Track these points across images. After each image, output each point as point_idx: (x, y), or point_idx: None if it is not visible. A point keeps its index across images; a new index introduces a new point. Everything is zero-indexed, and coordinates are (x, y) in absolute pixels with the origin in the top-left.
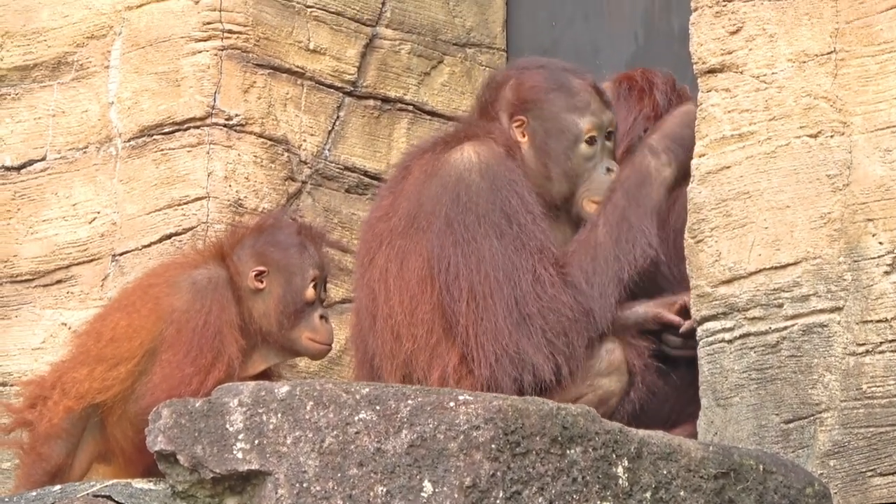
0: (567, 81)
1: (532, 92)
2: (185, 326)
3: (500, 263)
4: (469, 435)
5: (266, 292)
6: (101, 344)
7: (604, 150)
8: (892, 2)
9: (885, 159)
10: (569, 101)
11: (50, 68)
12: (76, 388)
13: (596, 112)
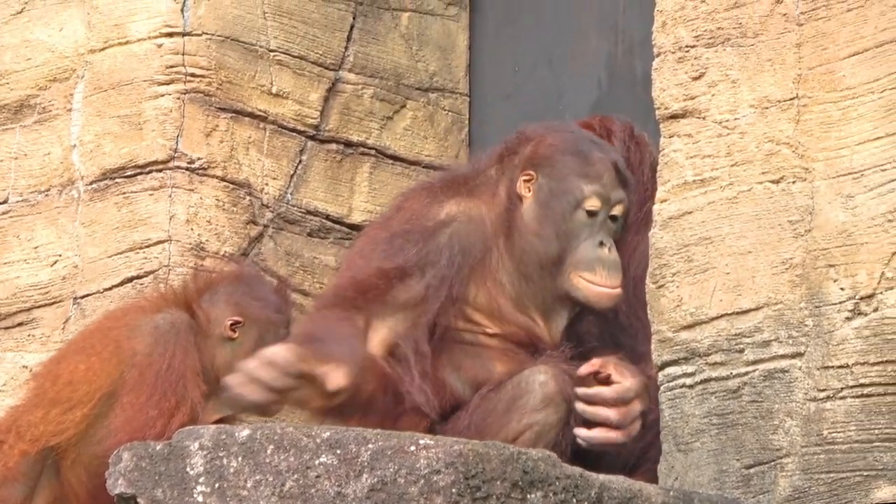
0: (587, 150)
1: (549, 150)
2: (147, 370)
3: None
4: (430, 479)
5: (237, 343)
6: (58, 386)
7: (604, 226)
8: (855, 48)
9: (846, 205)
10: (581, 167)
11: (12, 111)
12: (31, 431)
13: (606, 186)
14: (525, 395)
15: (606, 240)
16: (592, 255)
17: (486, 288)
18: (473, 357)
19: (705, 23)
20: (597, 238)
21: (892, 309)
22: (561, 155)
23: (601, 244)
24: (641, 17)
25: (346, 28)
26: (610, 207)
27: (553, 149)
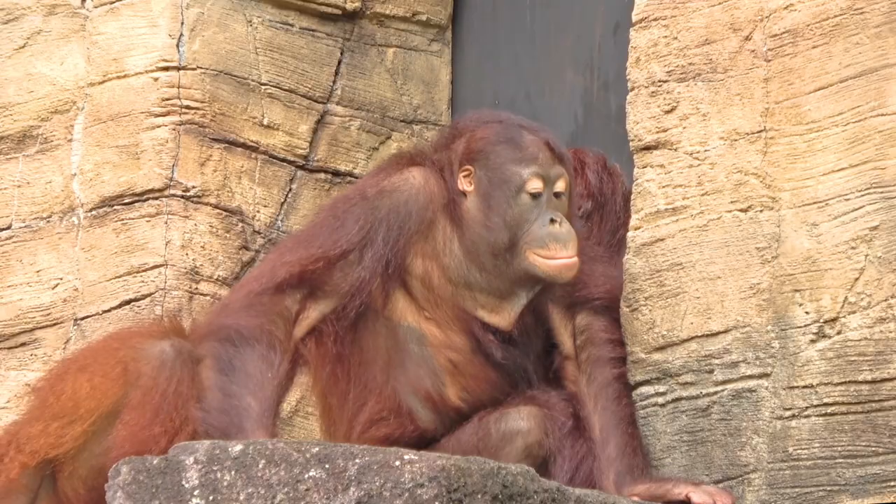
0: (517, 136)
1: (481, 143)
2: (151, 391)
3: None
4: (414, 493)
5: None
6: (61, 402)
7: (549, 203)
8: (819, 84)
9: (811, 233)
10: (515, 153)
11: (15, 141)
12: (30, 444)
13: (543, 165)
14: (507, 447)
15: (555, 215)
16: (544, 231)
17: (427, 261)
18: (421, 364)
19: (677, 59)
20: (546, 216)
21: (854, 332)
22: (493, 146)
23: (551, 221)
24: (616, 53)
25: (333, 63)
26: (552, 185)
27: (484, 141)
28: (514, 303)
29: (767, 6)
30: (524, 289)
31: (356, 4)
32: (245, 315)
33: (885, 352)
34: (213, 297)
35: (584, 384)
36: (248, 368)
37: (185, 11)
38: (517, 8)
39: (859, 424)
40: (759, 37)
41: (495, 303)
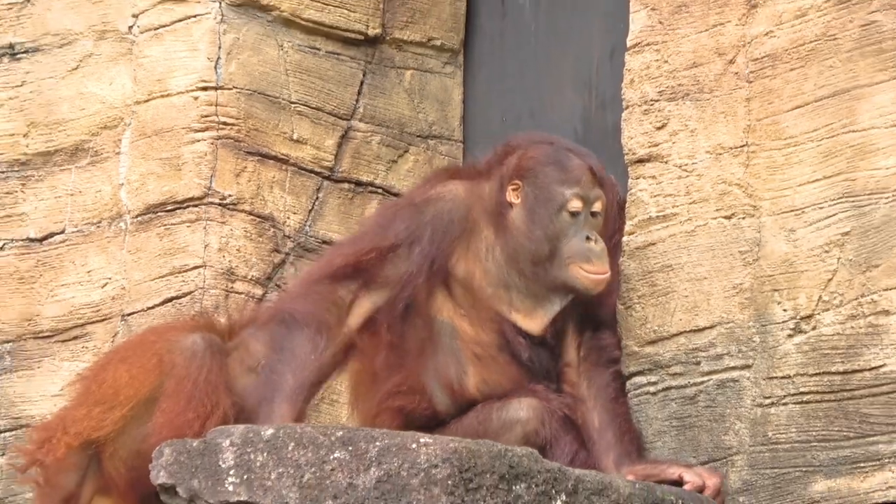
0: (564, 159)
1: (531, 162)
2: (184, 380)
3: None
4: (429, 472)
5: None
6: (103, 389)
7: (587, 222)
8: (797, 103)
9: (789, 238)
10: (561, 175)
11: (69, 154)
12: (75, 427)
13: (584, 187)
14: (507, 434)
15: (591, 234)
16: (584, 247)
17: (470, 264)
18: (449, 355)
19: (668, 80)
20: (583, 233)
21: (828, 327)
22: (542, 166)
23: (587, 238)
24: (612, 75)
25: (356, 84)
26: (590, 206)
27: (535, 161)
28: (547, 309)
29: (749, 33)
30: (558, 297)
31: (377, 31)
32: (301, 301)
33: (856, 346)
34: (247, 295)
35: (584, 387)
36: (295, 349)
37: (223, 37)
38: (522, 34)
39: (832, 411)
40: (742, 60)
41: (530, 307)
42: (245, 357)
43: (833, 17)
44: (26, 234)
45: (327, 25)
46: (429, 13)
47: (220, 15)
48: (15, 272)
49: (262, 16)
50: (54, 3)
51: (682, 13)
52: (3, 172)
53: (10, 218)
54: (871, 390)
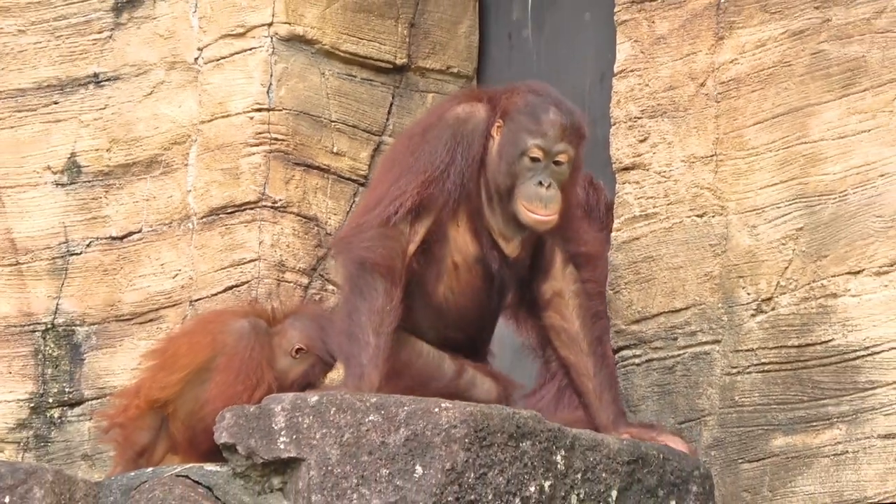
0: (541, 111)
1: (514, 107)
2: (234, 357)
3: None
4: (449, 432)
5: (295, 362)
6: (166, 357)
7: (547, 170)
8: (757, 119)
9: (751, 233)
10: (531, 124)
11: (144, 166)
12: (144, 390)
13: (548, 140)
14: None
15: (545, 180)
16: (532, 191)
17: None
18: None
19: (649, 101)
20: (538, 178)
21: (784, 308)
22: (519, 113)
23: (540, 183)
24: (602, 96)
25: (387, 105)
26: (552, 157)
27: (516, 107)
28: (516, 236)
29: (717, 60)
30: (519, 228)
31: (404, 60)
32: (373, 249)
33: (808, 324)
34: (296, 284)
35: (577, 326)
36: (374, 304)
37: (274, 66)
38: (526, 62)
39: (789, 379)
40: (711, 84)
41: (506, 231)
42: (283, 342)
43: (788, 46)
44: (109, 234)
45: (362, 56)
46: (447, 45)
47: (271, 48)
48: (100, 265)
49: (307, 48)
50: (132, 38)
51: (661, 44)
52: (90, 181)
53: (96, 220)
54: (821, 361)
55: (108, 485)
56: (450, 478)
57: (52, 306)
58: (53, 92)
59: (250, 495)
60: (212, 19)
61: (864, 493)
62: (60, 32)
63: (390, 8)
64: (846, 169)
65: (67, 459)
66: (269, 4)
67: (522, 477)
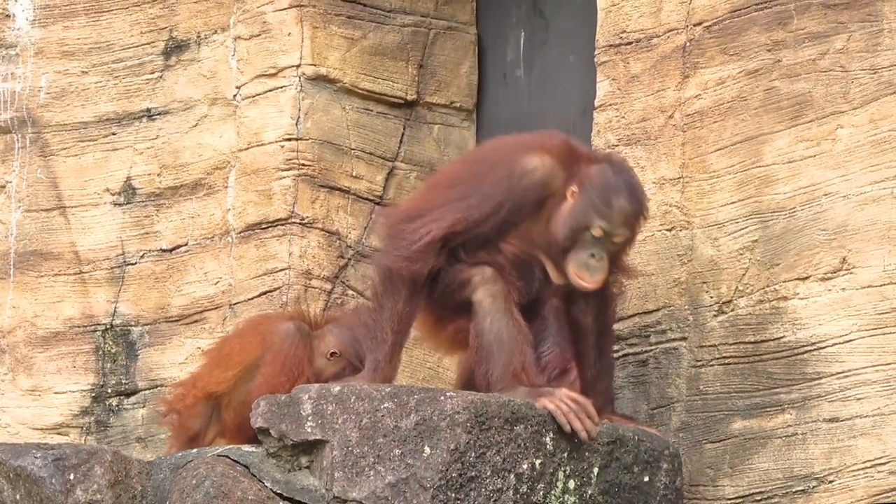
0: (613, 195)
1: (589, 179)
2: (279, 353)
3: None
4: (453, 417)
5: (330, 364)
6: (221, 356)
7: (604, 244)
8: (719, 146)
9: (714, 245)
10: (601, 207)
11: (190, 188)
12: (201, 382)
13: (612, 225)
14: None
15: (598, 253)
16: (584, 260)
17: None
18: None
19: (625, 130)
20: (592, 250)
21: (743, 309)
22: (592, 189)
23: (592, 255)
24: (584, 127)
25: (399, 135)
26: (612, 237)
27: (592, 181)
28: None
29: (683, 96)
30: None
31: (413, 96)
32: (405, 257)
33: (763, 323)
34: (320, 290)
35: (589, 321)
36: (396, 306)
37: (301, 102)
38: (520, 98)
39: (746, 370)
40: (678, 116)
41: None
42: (321, 345)
43: (744, 84)
44: (160, 246)
45: (377, 93)
46: (451, 83)
47: (299, 86)
48: (151, 274)
49: (330, 86)
50: (180, 78)
51: (635, 82)
52: (143, 202)
53: (148, 234)
54: (774, 355)
55: (159, 463)
56: (454, 457)
57: (111, 309)
58: (112, 124)
59: (281, 472)
60: (248, 62)
61: (811, 470)
62: (118, 73)
63: (402, 51)
64: (795, 189)
65: (124, 442)
66: (297, 49)
67: (516, 456)
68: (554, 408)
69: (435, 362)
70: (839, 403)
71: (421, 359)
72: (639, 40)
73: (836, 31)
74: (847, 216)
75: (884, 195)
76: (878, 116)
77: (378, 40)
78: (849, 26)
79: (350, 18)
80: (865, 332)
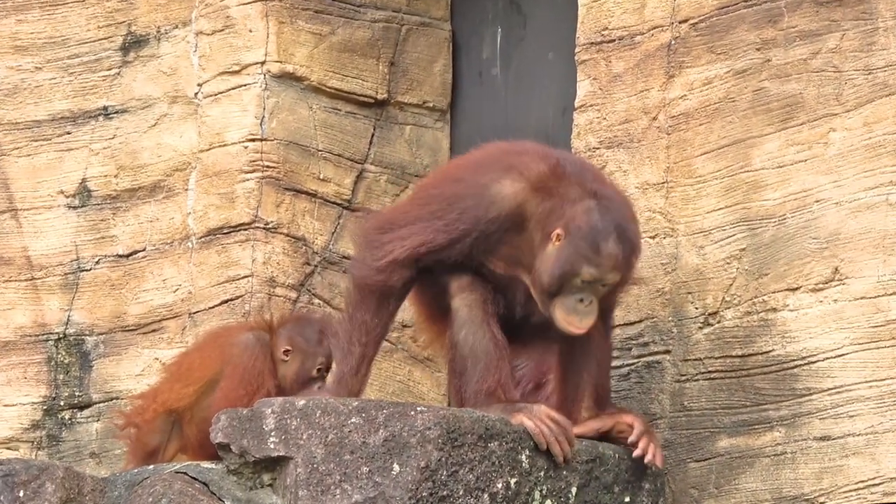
0: (601, 238)
1: (577, 226)
2: (239, 366)
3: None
4: (424, 433)
5: (287, 364)
6: (182, 370)
7: (593, 289)
8: (705, 150)
9: (699, 253)
10: (590, 254)
11: (149, 190)
12: (161, 398)
13: (602, 269)
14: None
15: (587, 298)
16: (572, 305)
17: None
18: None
19: (606, 133)
20: (580, 295)
21: (730, 321)
22: (579, 235)
23: (581, 300)
24: (564, 128)
25: (368, 136)
26: (601, 281)
27: (578, 227)
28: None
29: (668, 96)
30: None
31: (384, 95)
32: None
33: (751, 336)
34: (285, 298)
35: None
36: (364, 316)
37: (266, 101)
38: (496, 98)
39: (733, 386)
40: (663, 117)
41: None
42: (276, 350)
43: (732, 84)
44: (116, 252)
45: (346, 91)
46: (424, 82)
47: (264, 84)
48: (107, 280)
49: (297, 84)
50: (138, 75)
51: (617, 82)
52: (99, 205)
53: (104, 239)
54: (762, 369)
55: (114, 480)
56: (424, 475)
57: (64, 318)
58: (66, 123)
59: (243, 490)
60: (210, 58)
61: (801, 490)
62: (73, 69)
63: (372, 48)
64: (785, 195)
65: (77, 457)
66: (262, 45)
67: (491, 474)
68: (532, 426)
69: (405, 375)
70: (831, 421)
71: (390, 372)
72: (621, 38)
73: (829, 30)
74: (839, 224)
75: (878, 202)
76: (873, 119)
77: (347, 36)
78: (842, 24)
79: (318, 13)
80: (858, 345)
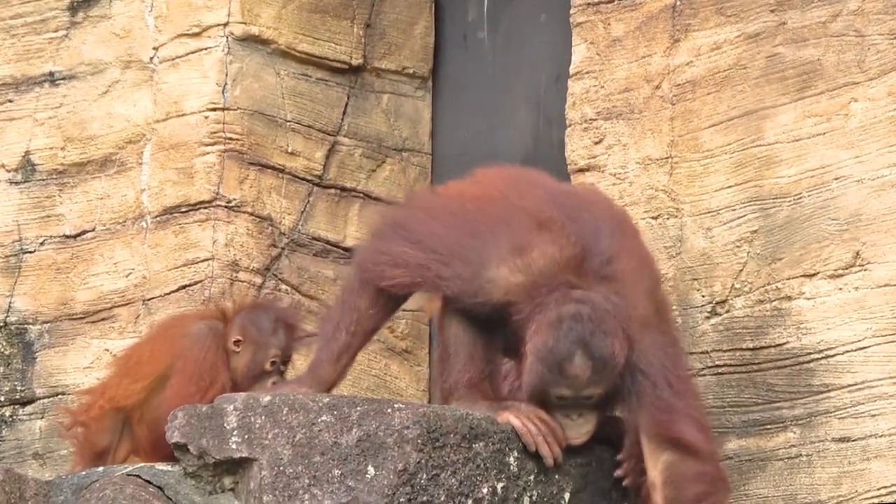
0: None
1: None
2: (190, 359)
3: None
4: (402, 433)
5: (239, 355)
6: (130, 365)
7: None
8: (713, 121)
9: (706, 236)
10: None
11: (99, 164)
12: (109, 394)
13: (574, 387)
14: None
15: (573, 412)
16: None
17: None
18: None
19: (604, 102)
20: (565, 411)
21: (739, 311)
22: (540, 358)
23: (568, 416)
24: (557, 98)
25: (342, 105)
26: (580, 396)
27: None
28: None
29: (672, 63)
30: None
31: (359, 61)
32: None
33: (763, 326)
34: (249, 283)
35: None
36: (357, 303)
37: (229, 66)
38: (482, 64)
39: (743, 382)
40: (667, 86)
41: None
42: (228, 341)
43: (743, 49)
44: (63, 232)
45: (317, 56)
46: (403, 46)
47: (227, 48)
48: (53, 264)
49: (263, 48)
50: (88, 37)
51: (616, 46)
52: (44, 180)
53: (49, 218)
54: (775, 363)
55: (59, 483)
56: (402, 479)
57: (5, 304)
58: (9, 90)
59: (201, 495)
60: (167, 19)
61: (817, 497)
62: (16, 31)
63: (346, 9)
64: (801, 172)
65: (18, 458)
66: (224, 4)
67: (475, 478)
68: (519, 424)
69: (382, 369)
70: (851, 421)
71: (365, 365)
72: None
73: None
74: (861, 203)
75: None
76: None
77: None
78: None
79: None
80: (881, 337)
